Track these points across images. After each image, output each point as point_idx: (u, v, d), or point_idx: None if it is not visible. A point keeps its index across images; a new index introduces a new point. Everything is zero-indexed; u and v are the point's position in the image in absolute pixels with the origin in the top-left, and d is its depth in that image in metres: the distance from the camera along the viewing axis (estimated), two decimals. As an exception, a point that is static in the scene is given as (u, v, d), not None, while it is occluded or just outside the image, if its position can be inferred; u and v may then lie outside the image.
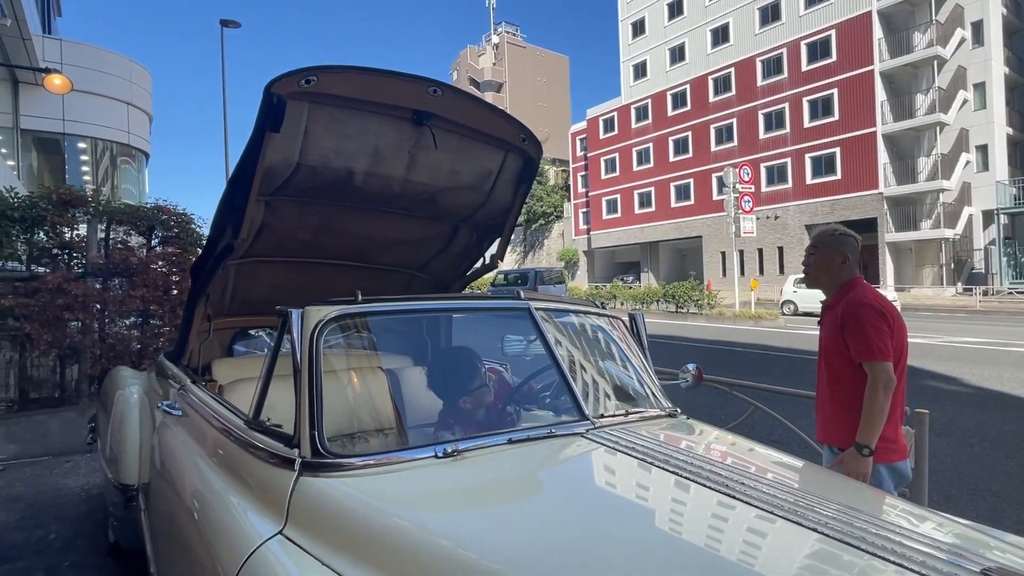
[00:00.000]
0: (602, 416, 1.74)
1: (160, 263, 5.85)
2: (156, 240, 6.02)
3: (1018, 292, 22.64)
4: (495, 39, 58.54)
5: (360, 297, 1.70)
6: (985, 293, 22.94)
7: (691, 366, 2.64)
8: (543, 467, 1.50)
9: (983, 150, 26.14)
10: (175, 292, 5.90)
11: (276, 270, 2.88)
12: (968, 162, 25.91)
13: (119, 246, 5.75)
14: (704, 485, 1.29)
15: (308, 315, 1.61)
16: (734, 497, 1.25)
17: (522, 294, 1.99)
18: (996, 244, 25.09)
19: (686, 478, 1.33)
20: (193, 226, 6.10)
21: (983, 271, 25.60)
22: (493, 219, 2.95)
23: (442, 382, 1.94)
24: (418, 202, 2.64)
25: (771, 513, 1.18)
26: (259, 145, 2.00)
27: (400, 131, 2.30)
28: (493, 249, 3.16)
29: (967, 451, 5.19)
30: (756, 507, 1.21)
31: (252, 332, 3.40)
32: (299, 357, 1.55)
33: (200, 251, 6.06)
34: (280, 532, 1.30)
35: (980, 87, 26.10)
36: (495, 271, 3.41)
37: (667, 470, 1.37)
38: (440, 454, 1.42)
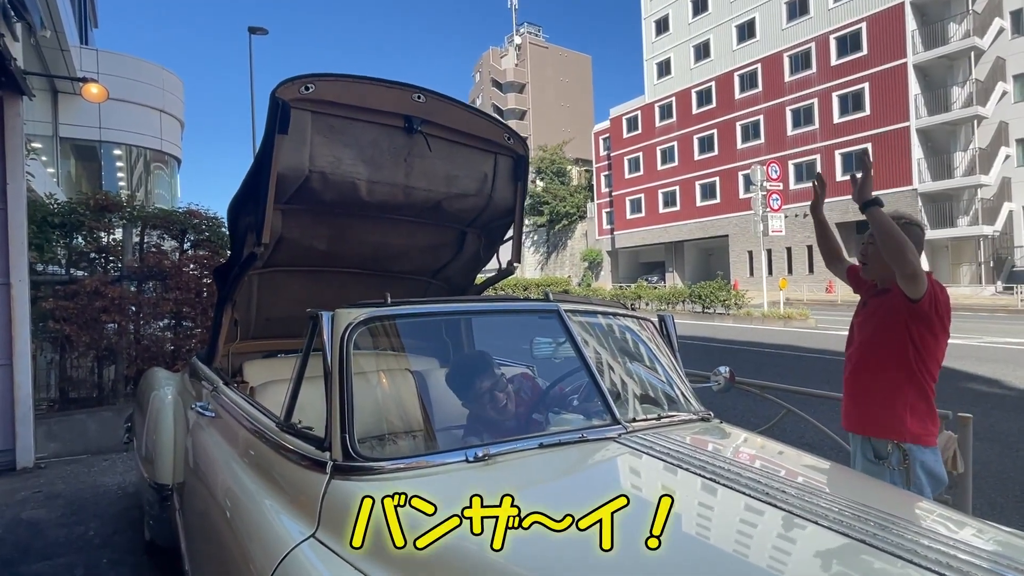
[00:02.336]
0: (634, 420, 1.71)
1: (192, 266, 5.98)
2: (188, 244, 6.15)
3: (1063, 291, 21.72)
4: (517, 40, 58.55)
5: (389, 299, 1.70)
6: (1027, 292, 22.08)
7: (723, 368, 2.59)
8: (576, 472, 1.47)
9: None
10: (206, 294, 6.02)
11: (295, 281, 2.96)
12: (1008, 156, 25.01)
13: (153, 250, 5.89)
14: (743, 492, 1.25)
15: (338, 317, 1.62)
16: (775, 505, 1.21)
17: (550, 295, 1.97)
18: (1038, 241, 24.18)
19: (723, 484, 1.29)
20: (224, 229, 6.22)
21: (1024, 269, 24.68)
22: (498, 220, 3.04)
23: (470, 385, 1.94)
24: (423, 210, 2.74)
25: (814, 523, 1.14)
26: (270, 149, 2.12)
27: (394, 139, 2.46)
28: (507, 254, 3.20)
29: (1012, 456, 4.99)
30: (798, 515, 1.16)
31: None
32: (329, 359, 1.55)
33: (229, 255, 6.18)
34: (313, 535, 1.30)
35: (1020, 78, 25.18)
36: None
37: (703, 476, 1.33)
38: (471, 458, 1.41)
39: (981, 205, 24.49)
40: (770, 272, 28.21)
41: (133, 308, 5.66)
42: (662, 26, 38.01)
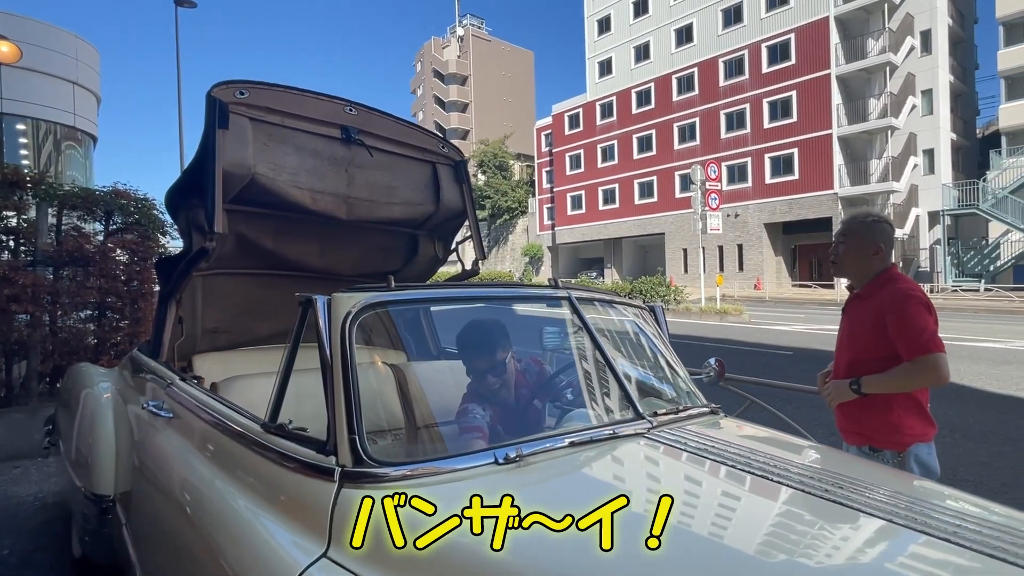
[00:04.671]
0: (655, 415, 1.61)
1: (119, 251, 5.44)
2: (114, 227, 5.59)
3: (962, 289, 23.84)
4: (460, 31, 57.86)
5: (393, 283, 1.52)
6: (931, 290, 24.06)
7: (712, 361, 2.56)
8: (620, 474, 1.35)
9: (929, 154, 27.37)
10: (135, 283, 5.49)
11: (241, 286, 2.85)
12: (916, 165, 27.07)
13: (73, 233, 5.31)
14: (805, 491, 1.17)
15: (337, 303, 1.42)
16: (836, 502, 1.14)
17: (559, 282, 1.84)
18: (941, 244, 26.35)
19: (778, 482, 1.21)
20: (155, 212, 5.69)
21: (928, 269, 26.86)
22: (449, 223, 3.09)
23: (471, 354, 1.80)
24: (371, 219, 2.74)
25: (891, 522, 1.07)
26: (212, 144, 2.12)
27: (334, 150, 2.51)
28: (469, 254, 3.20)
29: (939, 442, 5.27)
30: (871, 515, 1.10)
31: None
32: (329, 351, 1.36)
33: (163, 240, 5.66)
34: (324, 555, 1.11)
35: (928, 94, 27.30)
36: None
37: (755, 474, 1.24)
38: (501, 460, 1.26)
39: (893, 210, 26.37)
40: (703, 269, 29.31)
41: (49, 297, 5.07)
42: (604, 26, 38.56)
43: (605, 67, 38.40)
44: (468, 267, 3.12)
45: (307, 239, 2.75)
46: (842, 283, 25.41)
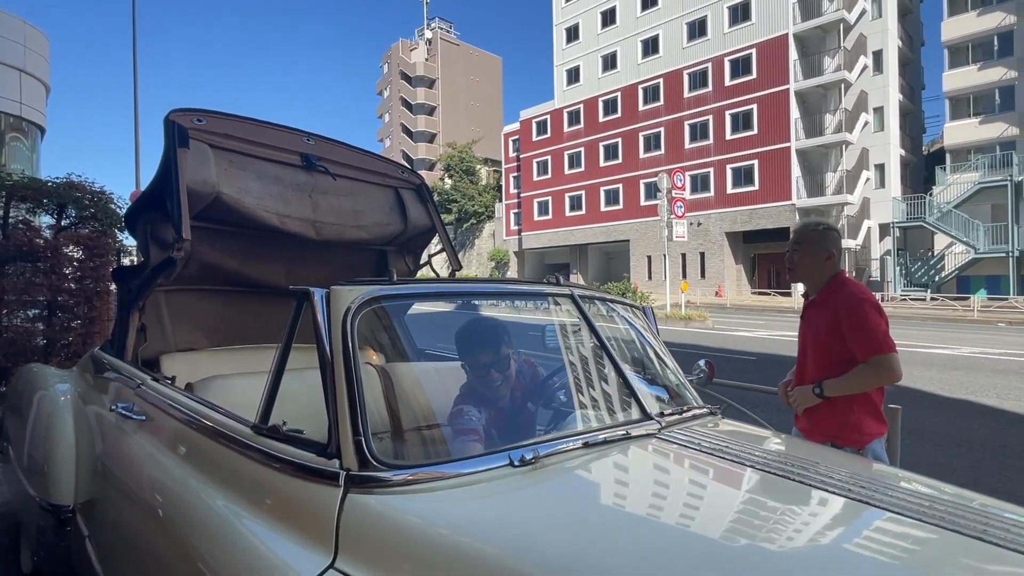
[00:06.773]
0: (663, 415, 1.57)
1: (72, 247, 5.14)
2: (68, 221, 5.28)
3: (910, 299, 24.95)
4: (428, 34, 57.55)
5: (395, 277, 1.44)
6: (882, 299, 25.09)
7: (702, 362, 2.55)
8: (642, 476, 1.31)
9: (880, 169, 28.62)
10: (89, 282, 5.20)
11: (208, 306, 2.81)
12: (868, 179, 28.25)
13: (21, 226, 4.99)
14: (832, 492, 1.15)
15: (336, 296, 1.34)
16: (865, 502, 1.12)
17: (561, 280, 1.80)
18: (891, 255, 27.53)
19: (801, 482, 1.19)
20: (113, 206, 5.40)
21: (879, 279, 28.02)
22: (418, 238, 3.12)
23: (472, 352, 1.74)
24: (339, 242, 2.73)
25: (919, 520, 1.06)
26: (174, 161, 2.10)
27: (296, 176, 2.52)
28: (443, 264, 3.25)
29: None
30: (895, 513, 1.08)
31: None
32: (329, 348, 1.27)
33: (120, 236, 5.38)
34: (331, 566, 1.03)
35: (879, 111, 28.56)
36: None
37: (777, 475, 1.22)
38: (516, 461, 1.19)
39: (847, 221, 27.44)
40: (667, 276, 29.83)
41: (-7, 294, 4.75)
42: (572, 34, 38.97)
43: (573, 75, 38.79)
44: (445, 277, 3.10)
45: (273, 258, 2.73)
46: (799, 292, 26.13)
